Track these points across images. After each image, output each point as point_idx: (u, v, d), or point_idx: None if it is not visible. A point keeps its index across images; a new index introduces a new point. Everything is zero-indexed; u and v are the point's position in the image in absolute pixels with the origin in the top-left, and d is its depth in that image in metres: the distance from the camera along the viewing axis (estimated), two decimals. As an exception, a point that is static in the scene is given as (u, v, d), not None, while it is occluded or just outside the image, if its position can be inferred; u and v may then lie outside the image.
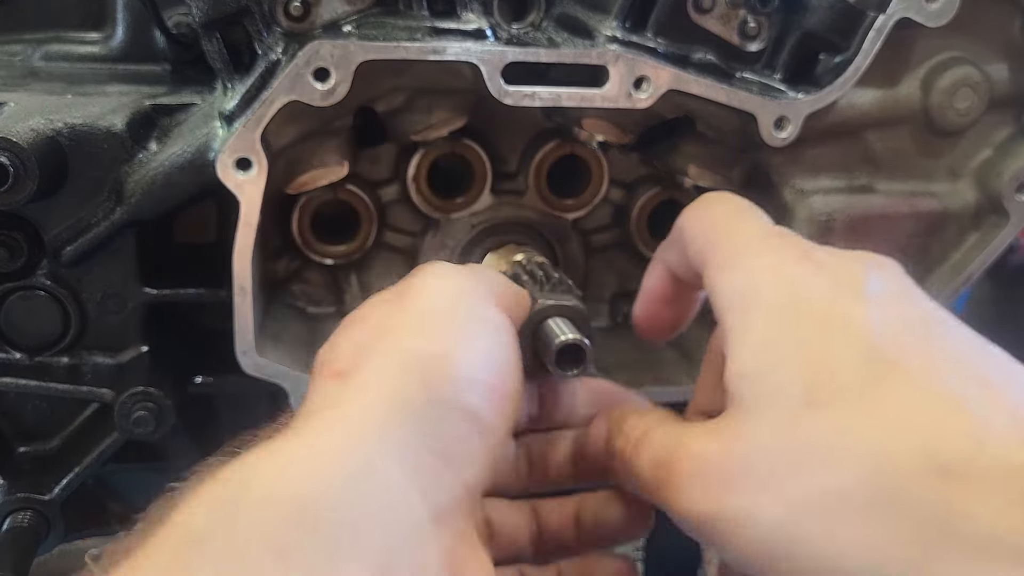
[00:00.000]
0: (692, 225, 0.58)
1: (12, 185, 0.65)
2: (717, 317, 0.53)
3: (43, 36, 0.83)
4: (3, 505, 0.75)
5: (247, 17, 0.67)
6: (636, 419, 0.55)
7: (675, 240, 0.60)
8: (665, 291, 0.62)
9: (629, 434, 0.54)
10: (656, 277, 0.63)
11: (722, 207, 0.59)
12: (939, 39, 0.75)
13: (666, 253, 0.62)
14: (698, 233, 0.57)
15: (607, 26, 0.71)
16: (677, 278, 0.61)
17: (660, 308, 0.63)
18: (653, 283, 0.63)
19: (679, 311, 0.63)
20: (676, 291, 0.62)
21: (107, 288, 0.73)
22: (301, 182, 0.73)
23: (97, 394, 0.74)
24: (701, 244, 0.56)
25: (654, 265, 0.63)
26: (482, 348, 0.49)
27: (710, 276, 0.54)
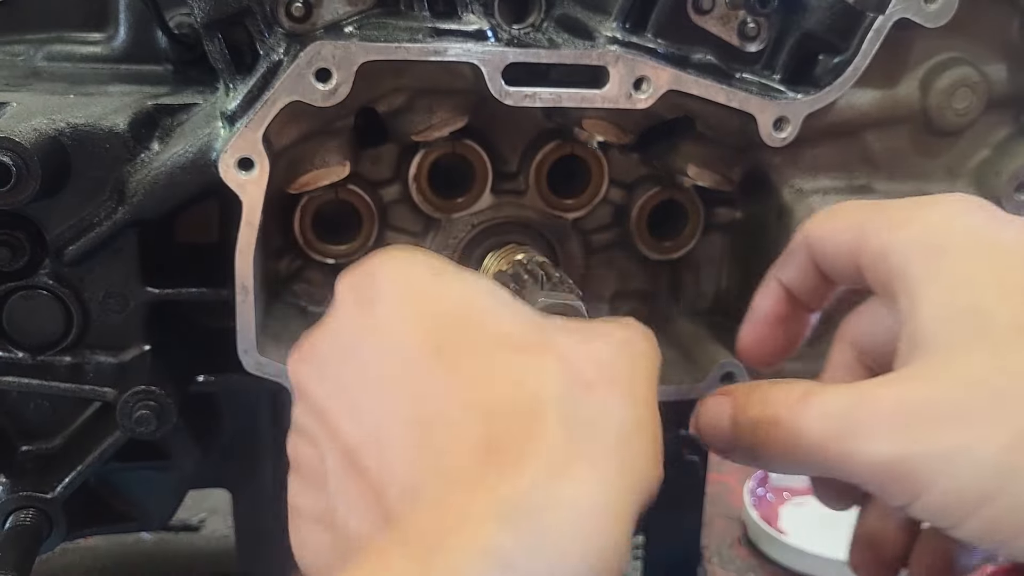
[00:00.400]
0: (826, 227, 0.58)
1: (14, 185, 0.65)
2: (881, 283, 0.53)
3: (45, 36, 0.83)
4: (5, 504, 0.75)
5: (249, 17, 0.67)
6: (775, 386, 0.53)
7: (795, 253, 0.59)
8: (780, 312, 0.62)
9: (778, 399, 0.52)
10: (770, 297, 0.62)
11: (854, 204, 0.58)
12: (938, 40, 0.76)
13: (782, 271, 0.61)
14: (840, 227, 0.56)
15: (607, 27, 0.71)
16: (793, 298, 0.61)
17: (773, 330, 0.62)
18: (767, 303, 0.62)
19: (792, 334, 0.63)
20: (791, 312, 0.61)
21: (109, 287, 0.73)
22: (303, 182, 0.73)
23: (99, 393, 0.74)
24: (850, 233, 0.55)
25: (767, 286, 0.62)
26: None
27: (877, 242, 0.53)
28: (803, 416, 0.50)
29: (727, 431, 0.55)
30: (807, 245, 0.59)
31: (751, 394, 0.54)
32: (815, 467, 0.51)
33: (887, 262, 0.53)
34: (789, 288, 0.61)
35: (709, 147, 0.78)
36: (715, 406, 0.57)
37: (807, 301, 0.61)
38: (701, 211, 0.84)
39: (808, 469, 0.52)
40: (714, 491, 1.32)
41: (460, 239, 0.81)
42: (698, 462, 1.00)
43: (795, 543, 1.24)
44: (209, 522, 1.23)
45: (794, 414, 0.51)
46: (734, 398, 0.56)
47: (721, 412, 0.56)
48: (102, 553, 1.15)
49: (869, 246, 0.54)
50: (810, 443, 0.50)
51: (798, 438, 0.50)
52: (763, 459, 0.53)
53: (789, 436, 0.51)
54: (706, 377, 0.78)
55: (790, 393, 0.52)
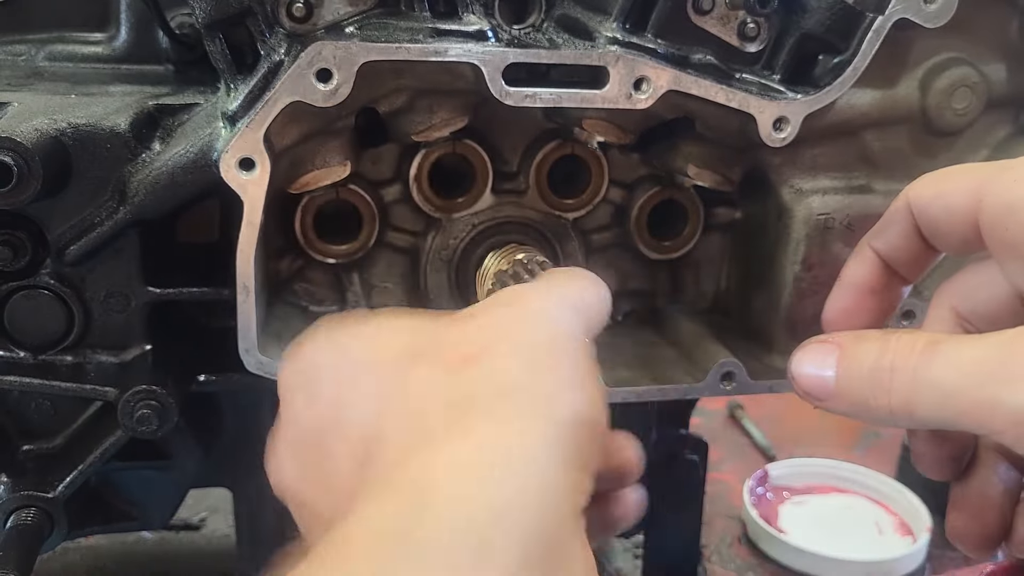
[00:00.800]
0: (936, 188, 0.57)
1: (16, 185, 0.65)
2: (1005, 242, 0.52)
3: (47, 36, 0.84)
4: (7, 503, 0.76)
5: (250, 18, 0.67)
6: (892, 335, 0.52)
7: (895, 219, 0.59)
8: (873, 282, 0.61)
9: (901, 347, 0.51)
10: (864, 265, 0.61)
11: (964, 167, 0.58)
12: (937, 40, 0.76)
13: (879, 239, 0.60)
14: (954, 188, 0.55)
15: (607, 27, 0.71)
16: (888, 268, 0.60)
17: (863, 301, 0.61)
18: (860, 272, 0.61)
19: (884, 305, 0.62)
20: (885, 283, 0.60)
21: (111, 287, 0.73)
22: (304, 182, 0.73)
23: (100, 392, 0.74)
24: (967, 194, 0.54)
25: (859, 254, 0.61)
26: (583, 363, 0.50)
27: (1005, 198, 0.52)
28: (933, 365, 0.49)
29: (831, 380, 0.54)
30: (911, 210, 0.58)
31: (862, 342, 0.53)
32: (940, 419, 0.50)
33: (1018, 215, 0.51)
34: (885, 257, 0.60)
35: (709, 147, 0.78)
36: (818, 354, 0.55)
37: (904, 271, 0.60)
38: (701, 211, 0.84)
39: (930, 421, 0.50)
40: (713, 490, 1.32)
41: (460, 239, 0.82)
42: (697, 461, 1.00)
43: (795, 542, 1.24)
44: (210, 521, 1.24)
45: (923, 363, 0.50)
46: (841, 346, 0.54)
47: (825, 360, 0.55)
48: (103, 552, 1.15)
49: (993, 203, 0.53)
50: (941, 393, 0.49)
51: (928, 387, 0.49)
52: (876, 411, 0.52)
53: (917, 385, 0.50)
54: (706, 376, 0.78)
55: (914, 342, 0.51)
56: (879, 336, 0.53)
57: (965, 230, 0.55)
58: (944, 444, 0.59)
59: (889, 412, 0.51)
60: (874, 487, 1.36)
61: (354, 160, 0.74)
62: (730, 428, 1.59)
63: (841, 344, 0.55)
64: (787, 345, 0.83)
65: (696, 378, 0.79)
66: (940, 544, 1.24)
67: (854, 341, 0.54)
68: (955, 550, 0.62)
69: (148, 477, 0.85)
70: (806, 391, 0.56)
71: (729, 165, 0.79)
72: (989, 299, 0.58)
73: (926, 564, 1.24)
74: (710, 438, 1.03)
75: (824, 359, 0.55)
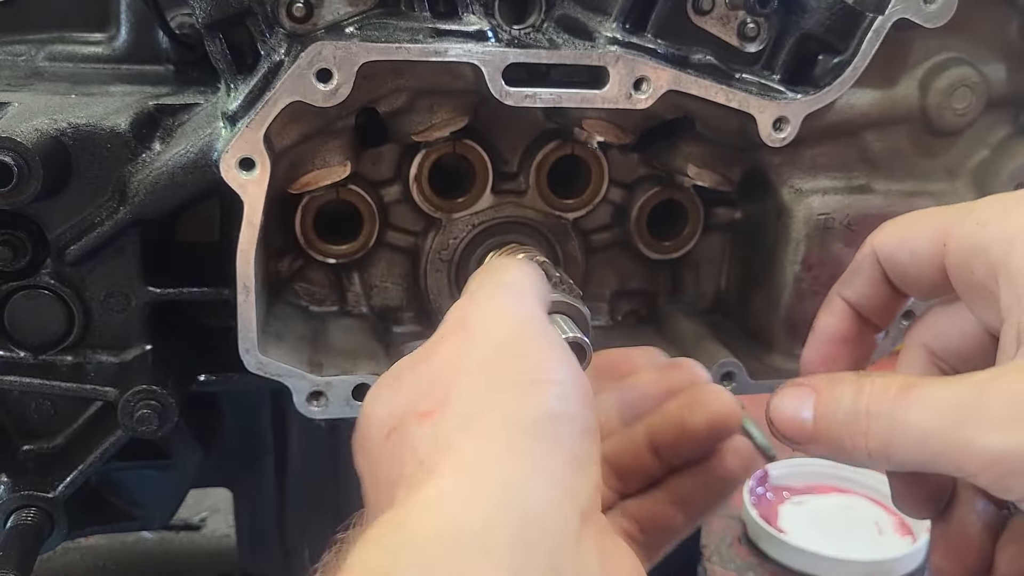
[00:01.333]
0: (899, 234, 0.57)
1: (16, 185, 0.65)
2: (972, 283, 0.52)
3: (47, 37, 0.84)
4: (7, 503, 0.76)
5: (250, 18, 0.67)
6: (866, 378, 0.52)
7: (861, 267, 0.59)
8: (846, 331, 0.61)
9: (876, 392, 0.51)
10: (835, 316, 0.61)
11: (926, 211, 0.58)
12: (937, 40, 0.76)
13: (847, 288, 0.60)
14: (918, 233, 0.56)
15: (607, 27, 0.71)
16: (859, 316, 0.60)
17: (838, 350, 0.61)
18: (832, 323, 0.61)
19: (859, 353, 0.62)
20: (858, 331, 0.61)
21: (111, 287, 0.73)
22: (304, 182, 0.73)
23: (100, 392, 0.74)
24: (932, 237, 0.55)
25: (830, 303, 0.61)
26: (562, 359, 0.51)
27: (970, 240, 0.53)
28: (909, 408, 0.49)
29: (809, 424, 0.54)
30: (876, 257, 0.58)
31: (837, 386, 0.53)
32: (917, 462, 0.50)
33: (984, 256, 0.52)
34: (855, 305, 0.60)
35: (709, 147, 0.78)
36: (794, 398, 0.55)
37: (875, 319, 0.60)
38: (701, 211, 0.84)
39: (907, 464, 0.50)
40: (714, 490, 1.32)
41: (461, 239, 0.82)
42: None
43: (794, 542, 1.24)
44: (210, 521, 1.24)
45: (898, 406, 0.50)
46: (816, 390, 0.54)
47: (801, 404, 0.55)
48: (103, 552, 1.15)
49: (958, 247, 0.53)
50: (917, 435, 0.49)
51: (904, 430, 0.49)
52: (853, 453, 0.52)
53: (892, 429, 0.50)
54: (706, 376, 0.78)
55: (888, 386, 0.51)
56: (854, 379, 0.53)
57: (932, 274, 0.56)
58: (923, 484, 0.59)
59: (867, 455, 0.51)
60: (874, 487, 1.36)
61: (354, 160, 0.74)
62: (730, 428, 1.59)
63: (817, 388, 0.54)
64: (787, 345, 0.83)
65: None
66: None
67: (829, 384, 0.54)
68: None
69: (148, 477, 0.85)
70: (784, 434, 0.56)
71: (729, 165, 0.79)
72: (961, 337, 0.58)
73: (926, 564, 1.24)
74: (710, 438, 1.03)
75: (801, 402, 0.55)
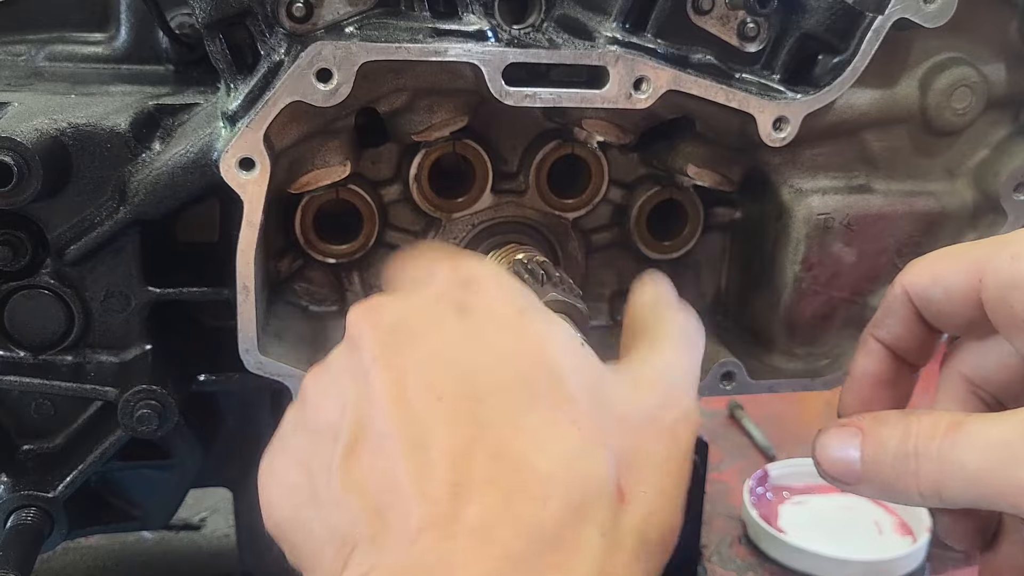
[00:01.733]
0: (931, 272, 0.57)
1: (16, 184, 0.65)
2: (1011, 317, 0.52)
3: (47, 36, 0.84)
4: (7, 503, 0.76)
5: (250, 18, 0.67)
6: (912, 416, 0.52)
7: (893, 307, 0.59)
8: (883, 372, 0.60)
9: (924, 430, 0.51)
10: (872, 358, 0.60)
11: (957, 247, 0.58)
12: (937, 40, 0.76)
13: (881, 329, 0.60)
14: (951, 270, 0.56)
15: (607, 27, 0.71)
16: (896, 356, 0.60)
17: (878, 394, 0.60)
18: (869, 365, 0.60)
19: (898, 395, 0.61)
20: (895, 371, 0.60)
21: (111, 287, 0.73)
22: (304, 182, 0.73)
23: (100, 392, 0.74)
24: (966, 273, 0.54)
25: (865, 346, 0.61)
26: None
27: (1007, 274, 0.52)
28: (959, 446, 0.49)
29: (856, 465, 0.54)
30: (908, 296, 0.58)
31: (883, 426, 0.53)
32: (969, 500, 0.50)
33: (1021, 292, 0.52)
34: (891, 346, 0.60)
35: (709, 147, 0.78)
36: (839, 439, 0.55)
37: (911, 358, 0.60)
38: (701, 211, 0.84)
39: (959, 502, 0.50)
40: (714, 490, 1.32)
41: (460, 239, 0.82)
42: (698, 462, 1.00)
43: (794, 542, 1.24)
44: (210, 521, 1.23)
45: (947, 445, 0.50)
46: (862, 430, 0.54)
47: (847, 445, 0.54)
48: (103, 552, 1.15)
49: (995, 282, 0.53)
50: (968, 475, 0.49)
51: (955, 470, 0.49)
52: (904, 493, 0.52)
53: (943, 469, 0.50)
54: (706, 376, 0.78)
55: (935, 424, 0.51)
56: (900, 418, 0.53)
57: (968, 311, 0.55)
58: (970, 518, 0.59)
59: (919, 495, 0.51)
60: (874, 487, 1.36)
61: (354, 160, 0.74)
62: (730, 428, 1.59)
63: (863, 428, 0.54)
64: (787, 345, 0.83)
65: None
66: (940, 544, 1.24)
67: (875, 424, 0.54)
68: (955, 550, 0.62)
69: (148, 477, 0.85)
70: (832, 476, 0.55)
71: (729, 165, 0.79)
72: (999, 367, 0.58)
73: (926, 564, 1.24)
74: (710, 438, 1.03)
75: (847, 443, 0.54)
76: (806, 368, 0.83)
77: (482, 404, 0.49)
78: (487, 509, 0.46)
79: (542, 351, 0.53)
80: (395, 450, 0.48)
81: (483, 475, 0.47)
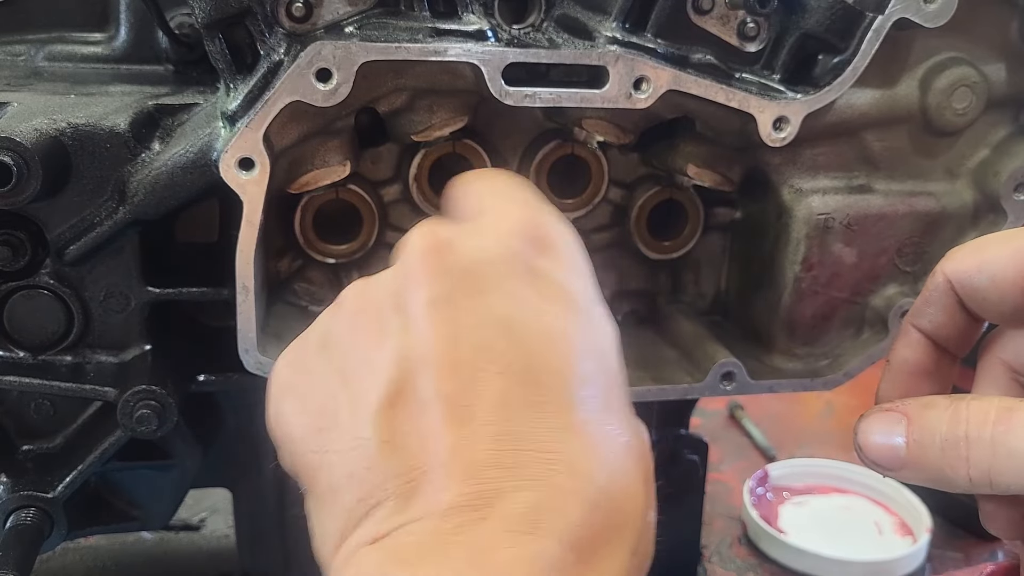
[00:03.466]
0: (976, 259, 0.56)
1: (15, 185, 0.65)
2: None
3: (46, 36, 0.83)
4: (6, 503, 0.75)
5: (249, 18, 0.67)
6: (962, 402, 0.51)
7: (935, 295, 0.58)
8: (925, 362, 0.59)
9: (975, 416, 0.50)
10: (911, 348, 0.59)
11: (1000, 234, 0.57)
12: (937, 39, 0.76)
13: (921, 318, 0.59)
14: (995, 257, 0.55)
15: (607, 27, 0.71)
16: (936, 345, 0.59)
17: (918, 384, 0.59)
18: (910, 355, 0.59)
19: (939, 385, 0.60)
20: (936, 361, 0.59)
21: (110, 287, 0.73)
22: (303, 182, 0.73)
23: (100, 392, 0.74)
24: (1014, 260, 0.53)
25: (905, 335, 0.60)
26: None
27: None
28: (1012, 433, 0.48)
29: (902, 451, 0.53)
30: (950, 284, 0.57)
31: (929, 411, 0.52)
32: (1020, 486, 0.49)
33: None
34: (931, 335, 0.59)
35: (709, 147, 0.78)
36: (883, 423, 0.54)
37: (953, 347, 0.59)
38: (701, 211, 0.84)
39: (1011, 489, 0.50)
40: (713, 490, 1.32)
41: (460, 239, 0.81)
42: (697, 462, 1.00)
43: (795, 542, 1.24)
44: (210, 522, 1.23)
45: (1002, 431, 0.49)
46: (907, 416, 0.53)
47: (892, 430, 0.53)
48: (103, 553, 1.15)
49: None
50: (1022, 461, 0.48)
51: (1009, 456, 0.48)
52: (953, 480, 0.51)
53: (995, 455, 0.49)
54: (706, 377, 0.78)
55: (987, 410, 0.50)
56: (948, 403, 0.52)
57: (1015, 299, 0.54)
58: (1016, 505, 0.58)
59: (969, 482, 0.50)
60: (874, 487, 1.36)
61: (354, 160, 0.74)
62: (730, 428, 1.59)
63: (908, 413, 0.53)
64: (787, 345, 0.83)
65: (696, 378, 0.79)
66: (940, 544, 1.23)
67: (922, 409, 0.53)
68: (955, 550, 0.62)
69: (148, 477, 0.85)
70: (875, 461, 0.55)
71: (729, 165, 0.79)
72: None
73: (926, 564, 1.24)
74: (710, 438, 1.03)
75: (892, 428, 0.54)
76: (806, 368, 0.83)
77: (540, 388, 0.47)
78: (528, 503, 0.44)
79: (605, 348, 0.51)
80: (439, 416, 0.46)
81: (529, 465, 0.45)
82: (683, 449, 1.00)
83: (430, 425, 0.46)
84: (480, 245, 0.53)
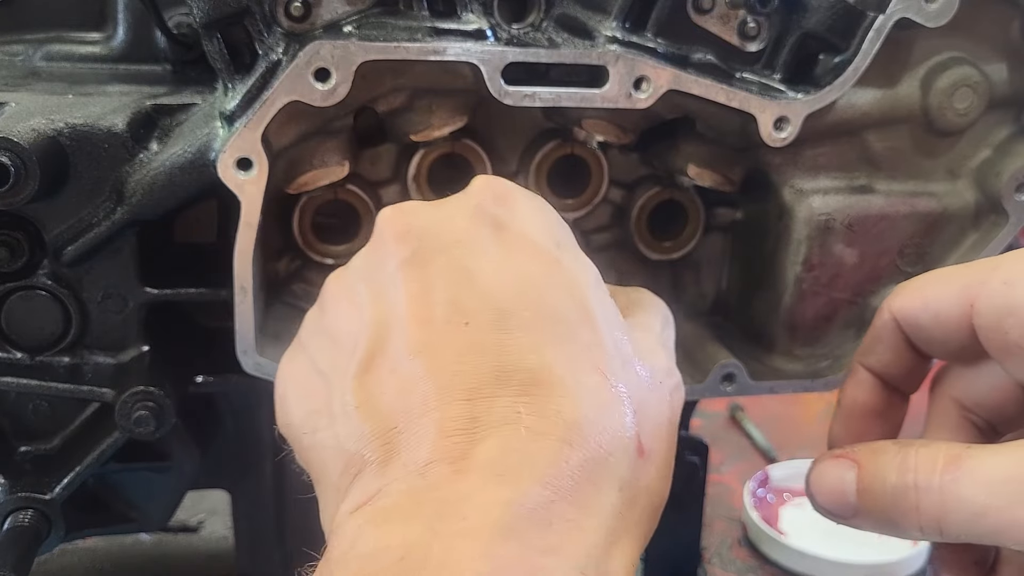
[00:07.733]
0: (920, 297, 0.56)
1: (13, 185, 0.65)
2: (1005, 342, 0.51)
3: (44, 36, 0.83)
4: (4, 504, 0.75)
5: (248, 17, 0.67)
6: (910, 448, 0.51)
7: (882, 334, 0.57)
8: (874, 402, 0.59)
9: (923, 464, 0.50)
10: (860, 388, 0.59)
11: (944, 271, 0.56)
12: (938, 39, 0.76)
13: (870, 357, 0.59)
14: (941, 295, 0.54)
15: (607, 26, 0.71)
16: (886, 384, 0.59)
17: (869, 425, 0.59)
18: (859, 395, 0.59)
19: (890, 424, 0.60)
20: (886, 400, 0.59)
21: (108, 288, 0.73)
22: (302, 182, 0.73)
23: (98, 393, 0.74)
24: (957, 298, 0.53)
25: (855, 375, 0.60)
26: None
27: (1000, 300, 0.51)
28: (960, 482, 0.48)
29: (852, 498, 0.53)
30: (896, 322, 0.57)
31: (879, 457, 0.52)
32: (972, 536, 0.49)
33: (1016, 317, 0.50)
34: (880, 374, 0.59)
35: (709, 147, 0.78)
36: (834, 470, 0.54)
37: (902, 385, 0.59)
38: (701, 211, 0.84)
39: (960, 537, 0.49)
40: (714, 492, 1.32)
41: (460, 239, 0.81)
42: (698, 463, 1.00)
43: (795, 544, 1.24)
44: (208, 523, 1.23)
45: (949, 480, 0.48)
46: (858, 463, 0.53)
47: (843, 477, 0.53)
48: (101, 554, 1.15)
49: (987, 307, 0.52)
50: (971, 512, 0.48)
51: (957, 505, 0.48)
52: (903, 527, 0.51)
53: (944, 504, 0.49)
54: (706, 377, 0.78)
55: (934, 457, 0.49)
56: (898, 450, 0.51)
57: (960, 336, 0.54)
58: (968, 551, 0.58)
59: (918, 529, 0.50)
60: (875, 489, 1.35)
61: (352, 160, 0.74)
62: (731, 430, 1.59)
63: (858, 460, 0.53)
64: (788, 346, 0.83)
65: (696, 379, 0.79)
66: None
67: (871, 456, 0.52)
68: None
69: (146, 478, 0.84)
70: (827, 509, 0.54)
71: (730, 165, 0.79)
72: (991, 391, 0.57)
73: (927, 567, 1.24)
74: (711, 440, 1.03)
75: (843, 475, 0.53)
76: (807, 369, 0.83)
77: (510, 336, 0.47)
78: (505, 448, 0.43)
79: (575, 289, 0.51)
80: (412, 372, 0.46)
81: (504, 412, 0.44)
82: (683, 451, 0.99)
83: (402, 383, 0.46)
84: (443, 209, 0.54)
